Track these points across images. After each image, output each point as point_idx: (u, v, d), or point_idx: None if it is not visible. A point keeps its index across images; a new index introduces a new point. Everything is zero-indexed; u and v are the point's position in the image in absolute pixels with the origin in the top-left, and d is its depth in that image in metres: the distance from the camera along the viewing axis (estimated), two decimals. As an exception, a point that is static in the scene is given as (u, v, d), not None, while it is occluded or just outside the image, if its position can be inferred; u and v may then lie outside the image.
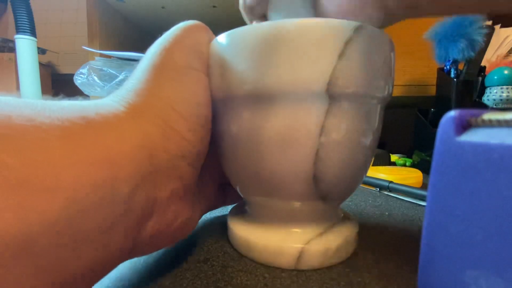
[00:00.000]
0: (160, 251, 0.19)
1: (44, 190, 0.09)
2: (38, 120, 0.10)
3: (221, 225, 0.23)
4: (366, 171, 0.19)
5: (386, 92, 0.17)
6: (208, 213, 0.26)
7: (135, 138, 0.12)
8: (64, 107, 0.11)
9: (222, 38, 0.16)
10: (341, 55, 0.14)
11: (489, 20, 0.52)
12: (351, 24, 0.14)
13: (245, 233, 0.18)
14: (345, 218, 0.20)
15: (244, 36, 0.15)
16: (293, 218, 0.18)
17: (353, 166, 0.17)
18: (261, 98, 0.15)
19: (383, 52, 0.16)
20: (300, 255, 0.17)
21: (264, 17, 0.21)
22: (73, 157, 0.10)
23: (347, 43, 0.14)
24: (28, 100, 0.10)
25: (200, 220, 0.20)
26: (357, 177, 0.18)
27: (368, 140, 0.17)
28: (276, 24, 0.15)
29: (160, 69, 0.15)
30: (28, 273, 0.09)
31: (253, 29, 0.15)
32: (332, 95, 0.14)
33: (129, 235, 0.12)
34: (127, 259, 0.14)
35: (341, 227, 0.19)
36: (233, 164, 0.18)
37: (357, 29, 0.14)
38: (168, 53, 0.15)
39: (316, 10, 0.19)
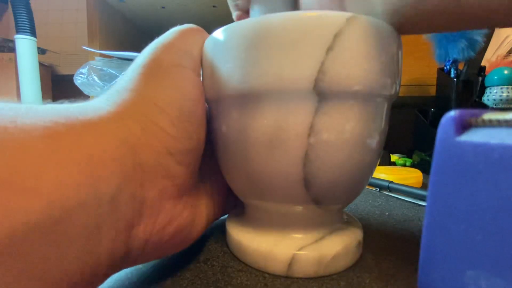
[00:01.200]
0: (160, 251, 0.19)
1: (25, 190, 0.09)
2: (19, 121, 0.09)
3: (221, 225, 0.23)
4: (370, 174, 0.17)
5: (391, 90, 0.15)
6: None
7: (117, 135, 0.12)
8: (48, 109, 0.11)
9: (211, 37, 0.16)
10: (329, 49, 0.13)
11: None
12: (343, 15, 0.13)
13: (239, 235, 0.18)
14: (349, 224, 0.19)
15: (229, 34, 0.15)
16: (287, 222, 0.17)
17: (351, 169, 0.15)
18: (248, 98, 0.15)
19: (386, 46, 0.14)
20: (292, 261, 0.16)
21: (247, 13, 0.21)
22: (55, 157, 0.10)
23: (337, 35, 0.13)
24: (12, 104, 0.10)
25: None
26: (357, 180, 0.16)
27: (370, 141, 0.15)
28: (261, 19, 0.14)
29: (144, 68, 0.14)
30: (11, 277, 0.08)
31: (238, 26, 0.15)
32: (320, 93, 0.13)
33: (118, 238, 0.12)
34: (121, 268, 0.13)
35: (342, 234, 0.17)
36: (227, 165, 0.18)
37: (350, 20, 0.13)
38: (154, 53, 0.15)
39: (296, 5, 0.18)
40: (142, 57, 0.15)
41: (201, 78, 0.17)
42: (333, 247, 0.16)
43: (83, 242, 0.10)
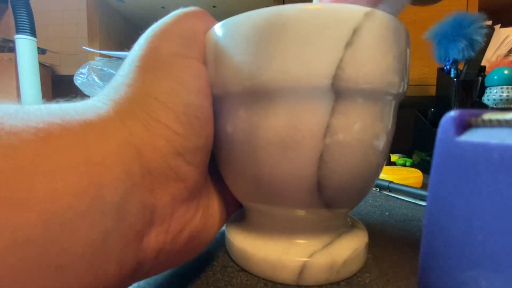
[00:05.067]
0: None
1: (14, 203, 0.07)
2: (8, 123, 0.08)
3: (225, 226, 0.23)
4: (378, 176, 0.17)
5: (401, 88, 0.15)
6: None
7: (118, 136, 0.11)
8: (40, 110, 0.10)
9: (216, 28, 0.15)
10: (348, 45, 0.12)
11: (489, 20, 0.52)
12: (361, 9, 0.13)
13: (243, 243, 0.17)
14: (354, 226, 0.19)
15: (239, 25, 0.14)
16: (295, 227, 0.16)
17: (363, 171, 0.15)
18: (258, 95, 0.14)
19: (398, 43, 0.14)
20: (303, 269, 0.15)
21: None
22: (49, 162, 0.08)
23: (356, 30, 0.12)
24: (1, 105, 0.09)
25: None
26: (367, 182, 0.16)
27: (381, 141, 0.15)
28: (274, 10, 0.13)
29: (141, 60, 0.13)
30: None
31: (249, 16, 0.13)
32: (338, 91, 0.13)
33: (127, 251, 0.11)
34: (132, 282, 0.12)
35: (349, 238, 0.17)
36: (229, 167, 0.16)
37: (368, 15, 0.13)
38: (151, 42, 0.13)
39: None
40: (137, 47, 0.14)
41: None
42: (343, 252, 0.16)
43: (87, 260, 0.09)
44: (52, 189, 0.08)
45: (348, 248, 0.16)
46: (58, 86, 0.98)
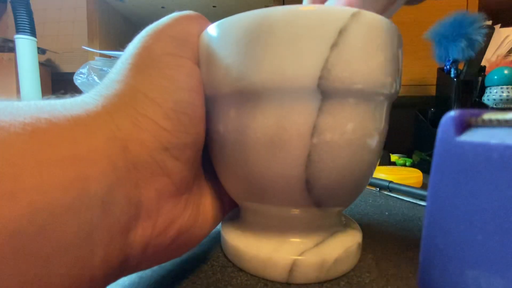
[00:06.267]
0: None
1: (2, 194, 0.08)
2: None
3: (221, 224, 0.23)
4: (370, 175, 0.17)
5: (392, 89, 0.15)
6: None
7: (106, 130, 0.11)
8: (30, 105, 0.10)
9: (209, 29, 0.15)
10: (334, 46, 0.13)
11: (489, 20, 0.52)
12: (347, 10, 0.13)
13: (236, 241, 0.17)
14: (347, 226, 0.19)
15: (229, 27, 0.14)
16: (286, 226, 0.17)
17: (353, 170, 0.15)
18: (247, 96, 0.14)
19: (387, 43, 0.14)
20: (293, 267, 0.15)
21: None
22: (36, 155, 0.09)
23: (342, 32, 0.13)
24: None
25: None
26: (358, 182, 0.16)
27: (372, 141, 0.15)
28: (263, 12, 0.13)
29: (134, 59, 0.13)
30: None
31: (239, 18, 0.14)
32: (324, 91, 0.13)
33: (112, 245, 0.11)
34: (120, 276, 0.12)
35: (342, 237, 0.17)
36: (222, 166, 0.17)
37: (354, 16, 0.13)
38: (144, 42, 0.14)
39: None
40: (131, 47, 0.14)
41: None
42: (334, 251, 0.16)
43: (73, 251, 0.09)
44: (39, 182, 0.08)
45: (340, 247, 0.16)
46: (57, 84, 0.98)
